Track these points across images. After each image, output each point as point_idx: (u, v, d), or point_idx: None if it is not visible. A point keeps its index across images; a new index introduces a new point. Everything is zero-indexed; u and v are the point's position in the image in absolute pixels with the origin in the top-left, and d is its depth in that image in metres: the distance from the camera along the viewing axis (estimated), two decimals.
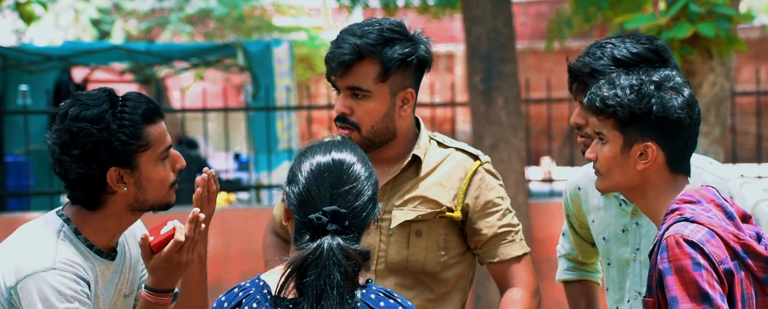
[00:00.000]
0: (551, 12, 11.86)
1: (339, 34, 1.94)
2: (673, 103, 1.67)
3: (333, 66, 1.91)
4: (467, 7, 5.65)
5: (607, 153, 1.71)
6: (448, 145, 2.05)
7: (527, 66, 12.72)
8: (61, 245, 1.68)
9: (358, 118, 1.93)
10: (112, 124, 1.67)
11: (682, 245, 1.58)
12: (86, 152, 1.66)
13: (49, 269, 1.64)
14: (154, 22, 12.58)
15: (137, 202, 1.72)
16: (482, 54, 5.56)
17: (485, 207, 2.00)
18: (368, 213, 1.52)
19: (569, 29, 7.54)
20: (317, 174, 1.52)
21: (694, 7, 4.68)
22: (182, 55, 8.53)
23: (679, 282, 1.57)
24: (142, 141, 1.69)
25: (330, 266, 1.46)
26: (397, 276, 1.98)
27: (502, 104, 5.54)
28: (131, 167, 1.69)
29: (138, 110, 1.69)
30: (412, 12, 10.51)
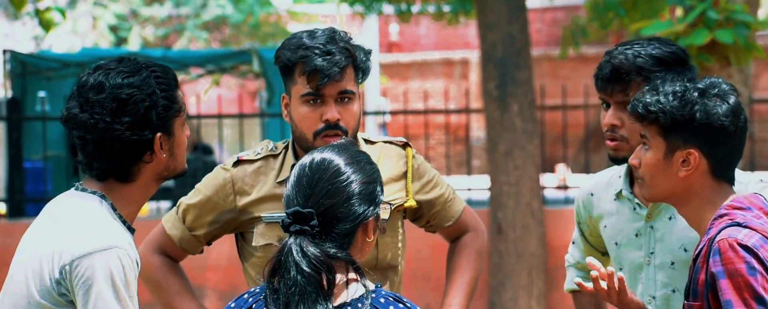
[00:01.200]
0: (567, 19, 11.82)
1: (301, 44, 1.95)
2: (717, 110, 1.67)
3: (331, 73, 1.93)
4: (482, 13, 5.65)
5: (650, 159, 1.71)
6: (374, 140, 2.09)
7: (542, 72, 12.69)
8: (116, 224, 1.66)
9: (346, 123, 1.97)
10: (157, 89, 1.66)
11: (737, 249, 1.58)
12: (139, 118, 1.64)
13: (114, 247, 1.60)
14: (170, 28, 12.65)
15: (167, 170, 1.71)
16: (497, 60, 5.55)
17: (430, 187, 2.09)
18: (349, 213, 1.49)
19: (584, 36, 7.51)
20: (298, 176, 1.52)
21: (712, 14, 4.64)
22: (198, 61, 8.58)
23: (733, 286, 1.56)
24: (177, 105, 1.70)
25: (289, 268, 1.45)
26: (367, 275, 2.02)
27: (517, 111, 5.52)
28: (169, 132, 1.69)
29: (169, 74, 1.70)
30: (426, 18, 10.53)
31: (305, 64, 1.93)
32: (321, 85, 1.92)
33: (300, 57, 1.93)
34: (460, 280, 2.10)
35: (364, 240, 1.53)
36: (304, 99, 1.95)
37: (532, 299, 5.56)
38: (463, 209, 2.14)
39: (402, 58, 14.81)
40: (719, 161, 1.68)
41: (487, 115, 5.67)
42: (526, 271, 5.54)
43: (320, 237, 1.48)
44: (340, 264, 1.49)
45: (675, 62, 1.93)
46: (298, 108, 1.95)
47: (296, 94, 1.95)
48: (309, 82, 1.93)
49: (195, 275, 5.69)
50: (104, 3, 12.16)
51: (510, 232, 5.56)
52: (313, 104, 1.94)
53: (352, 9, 9.13)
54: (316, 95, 1.94)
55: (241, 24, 12.36)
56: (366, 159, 1.56)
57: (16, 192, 6.08)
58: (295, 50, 1.95)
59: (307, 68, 1.93)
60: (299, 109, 1.95)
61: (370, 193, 1.52)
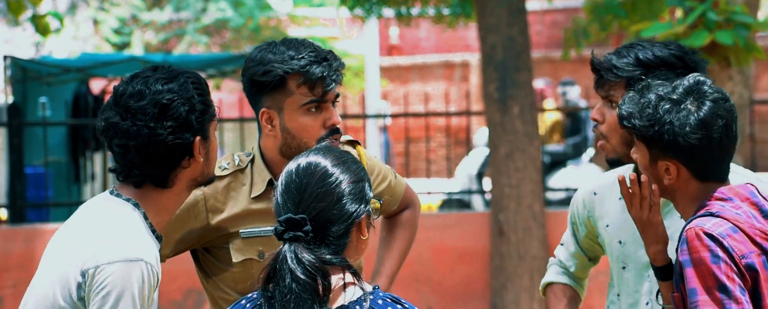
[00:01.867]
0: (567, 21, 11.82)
1: (290, 56, 1.96)
2: (687, 127, 1.65)
3: (336, 79, 1.97)
4: (482, 15, 5.64)
5: (640, 162, 1.73)
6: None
7: (543, 75, 12.68)
8: (146, 235, 1.66)
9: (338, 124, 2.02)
10: (194, 93, 1.69)
11: (702, 237, 1.59)
12: (181, 122, 1.66)
13: (140, 260, 1.61)
14: (171, 33, 12.65)
15: (202, 175, 1.72)
16: (497, 63, 5.55)
17: (380, 180, 2.13)
18: (342, 214, 1.49)
19: (585, 38, 7.51)
20: (286, 182, 1.51)
21: (711, 15, 4.64)
22: (198, 65, 8.58)
23: (697, 274, 1.57)
24: (213, 109, 1.73)
25: (284, 275, 1.44)
26: None
27: (517, 113, 5.51)
28: (205, 136, 1.71)
29: (202, 80, 1.72)
30: (426, 21, 10.52)
31: (307, 74, 1.94)
32: (327, 91, 1.95)
33: (300, 67, 1.94)
34: (392, 250, 2.16)
35: (358, 239, 1.53)
36: (305, 108, 1.96)
37: (534, 302, 5.55)
38: (405, 188, 2.20)
39: (402, 61, 14.81)
40: (700, 167, 1.68)
41: (487, 118, 5.67)
42: (528, 273, 5.53)
43: (315, 242, 1.48)
44: (335, 268, 1.48)
45: (660, 65, 1.91)
46: (299, 118, 1.96)
47: (293, 106, 1.97)
48: (312, 89, 1.94)
49: (197, 279, 5.68)
50: (106, 7, 12.17)
51: (511, 234, 5.55)
52: (314, 112, 1.96)
53: (352, 12, 9.13)
54: (320, 102, 1.96)
55: (242, 28, 12.36)
56: (351, 158, 1.56)
57: (17, 198, 6.07)
58: (289, 61, 1.95)
59: (311, 77, 1.94)
60: (299, 119, 1.96)
61: (360, 192, 1.52)
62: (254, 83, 1.97)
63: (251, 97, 2.00)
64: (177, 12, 12.40)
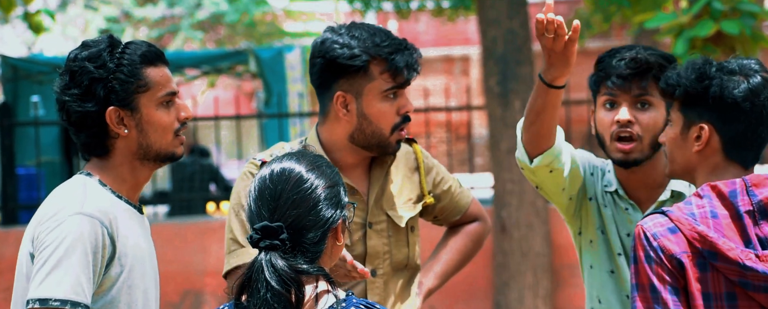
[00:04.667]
0: (569, 12, 11.71)
1: (377, 42, 1.97)
2: (733, 86, 1.66)
3: (417, 67, 2.01)
4: (482, 8, 5.54)
5: (671, 134, 1.73)
6: None
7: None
8: (89, 194, 1.66)
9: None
10: (109, 63, 1.68)
11: (640, 237, 1.64)
12: (84, 90, 1.68)
13: (78, 214, 1.61)
14: (164, 29, 12.56)
15: (142, 149, 1.70)
16: (498, 56, 5.45)
17: (441, 182, 2.13)
18: (317, 220, 1.46)
19: (588, 29, 7.39)
20: (260, 189, 1.49)
21: (717, 5, 4.54)
22: (193, 62, 8.48)
23: (635, 271, 1.64)
24: (141, 81, 1.69)
25: (259, 286, 1.42)
26: (401, 274, 2.04)
27: (519, 107, 5.42)
28: (131, 109, 1.69)
29: (137, 51, 1.70)
30: (425, 14, 10.42)
31: (393, 61, 1.95)
32: (409, 78, 1.97)
33: (386, 53, 1.96)
34: (441, 260, 2.12)
35: (334, 245, 1.50)
36: (384, 94, 1.97)
37: (538, 299, 5.46)
38: (471, 201, 2.17)
39: None
40: (732, 139, 1.67)
41: (488, 112, 5.57)
42: (532, 270, 5.44)
43: (291, 251, 1.44)
44: (310, 277, 1.44)
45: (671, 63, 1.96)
46: (377, 104, 1.98)
47: (374, 91, 1.97)
48: (394, 76, 1.96)
49: (195, 280, 5.58)
50: (95, 5, 12.07)
51: (514, 230, 5.46)
52: (392, 99, 1.99)
53: (351, 6, 9.03)
54: (399, 88, 1.99)
55: (237, 24, 12.26)
56: (326, 163, 1.53)
57: (9, 199, 5.98)
58: (373, 47, 1.96)
59: (396, 64, 1.95)
60: (378, 105, 1.98)
61: (335, 197, 1.49)
62: (334, 66, 1.97)
63: (324, 79, 1.99)
64: (171, 8, 12.31)
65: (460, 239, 2.16)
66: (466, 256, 2.17)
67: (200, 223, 5.87)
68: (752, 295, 1.59)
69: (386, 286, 2.00)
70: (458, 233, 2.17)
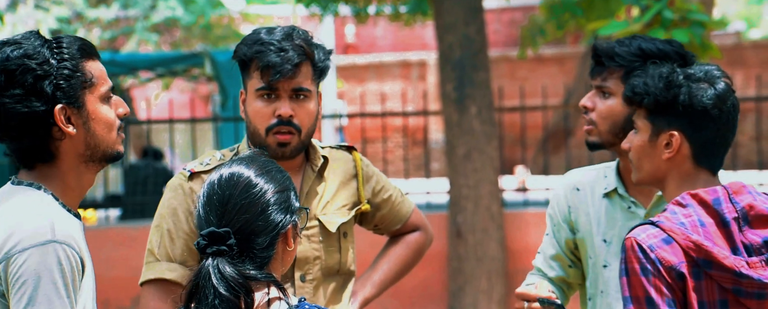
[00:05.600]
0: (524, 19, 11.85)
1: (258, 39, 1.95)
2: (701, 93, 1.67)
3: (283, 69, 1.92)
4: (439, 14, 5.57)
5: (638, 142, 1.73)
6: (323, 145, 2.12)
7: (500, 74, 12.69)
8: (59, 215, 1.56)
9: (300, 120, 1.95)
10: (52, 59, 1.58)
11: (634, 249, 1.62)
12: (28, 89, 1.56)
13: (52, 242, 1.51)
14: (118, 31, 12.36)
15: (89, 149, 1.61)
16: (455, 62, 5.48)
17: (381, 191, 2.11)
18: (266, 225, 1.44)
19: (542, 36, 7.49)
20: (208, 194, 1.47)
21: (668, 14, 4.64)
22: (148, 64, 8.36)
23: (628, 284, 1.62)
24: (86, 76, 1.59)
25: (207, 292, 1.40)
26: (332, 279, 2.02)
27: (475, 113, 5.46)
28: (78, 106, 1.58)
29: (74, 45, 1.61)
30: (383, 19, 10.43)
31: (260, 59, 1.93)
32: (273, 80, 1.92)
33: (255, 52, 1.93)
34: (379, 270, 2.11)
35: (284, 250, 1.48)
36: (258, 94, 1.94)
37: (493, 303, 5.50)
38: (412, 211, 2.17)
39: (359, 59, 14.71)
40: (702, 145, 1.68)
41: (445, 118, 5.60)
42: (486, 275, 5.48)
43: (239, 256, 1.42)
44: (260, 283, 1.42)
45: (661, 59, 1.92)
46: (253, 103, 1.95)
47: (251, 89, 1.96)
48: (263, 76, 1.93)
49: None
50: (46, 6, 11.81)
51: (469, 235, 5.49)
52: (267, 99, 1.94)
53: (308, 10, 9.00)
54: (270, 90, 1.93)
55: (193, 26, 12.13)
56: (276, 168, 1.51)
57: None
58: (252, 45, 1.95)
59: (261, 63, 1.92)
60: (254, 103, 1.95)
61: (285, 201, 1.47)
62: (237, 63, 1.99)
63: (241, 78, 2.00)
64: (124, 9, 12.12)
65: (399, 249, 2.15)
66: (406, 265, 2.15)
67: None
68: (744, 301, 1.61)
69: (316, 291, 1.98)
70: (398, 243, 2.15)
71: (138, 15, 12.07)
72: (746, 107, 10.12)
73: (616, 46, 1.97)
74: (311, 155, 2.02)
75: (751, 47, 13.63)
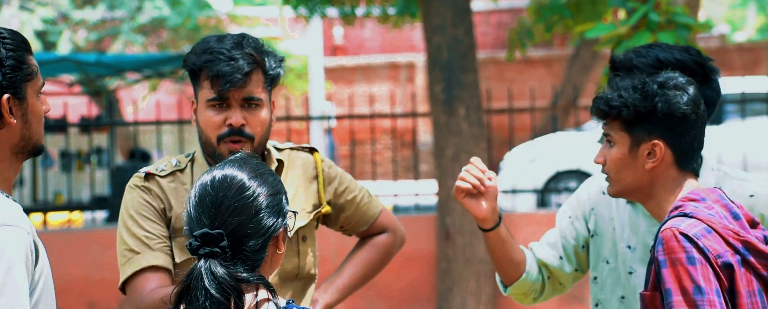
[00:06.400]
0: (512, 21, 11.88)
1: (207, 48, 1.94)
2: (678, 100, 1.69)
3: (233, 79, 1.91)
4: (427, 16, 5.57)
5: (616, 154, 1.73)
6: (281, 147, 2.10)
7: (488, 76, 12.72)
8: (5, 203, 1.54)
9: (252, 128, 1.94)
10: (1, 48, 1.58)
11: (678, 238, 1.60)
12: None
13: (1, 225, 1.50)
14: (104, 32, 12.29)
15: (23, 140, 1.61)
16: (443, 64, 5.48)
17: (344, 192, 2.09)
18: (259, 228, 1.44)
19: (530, 39, 7.52)
20: (200, 195, 1.47)
21: (653, 16, 4.66)
22: (134, 66, 8.33)
23: (673, 275, 1.59)
24: (30, 68, 1.60)
25: (198, 294, 1.40)
26: (290, 285, 2.01)
27: (463, 114, 5.46)
28: (20, 97, 1.59)
29: (17, 38, 1.61)
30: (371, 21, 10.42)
31: (209, 69, 1.91)
32: (223, 90, 1.90)
33: (204, 61, 1.92)
34: (343, 274, 2.08)
35: (274, 253, 1.48)
36: (209, 104, 1.93)
37: (481, 305, 5.50)
38: (380, 212, 2.14)
39: (347, 61, 14.70)
40: (683, 151, 1.71)
41: (433, 119, 5.60)
42: (475, 276, 5.48)
43: (232, 258, 1.42)
44: (250, 285, 1.42)
45: (676, 67, 1.89)
46: (204, 112, 1.94)
47: (202, 99, 1.95)
48: (213, 86, 1.92)
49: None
50: (31, 7, 11.73)
51: (458, 237, 5.49)
52: (218, 109, 1.94)
53: (296, 12, 8.98)
54: (221, 100, 1.92)
55: (179, 27, 12.08)
56: (268, 171, 1.51)
57: None
58: (201, 54, 1.93)
59: (211, 73, 1.91)
60: (205, 113, 1.94)
61: (277, 205, 1.47)
62: (187, 72, 1.99)
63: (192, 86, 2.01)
64: (111, 10, 12.05)
65: (365, 252, 2.13)
66: (372, 268, 2.12)
67: None
68: None
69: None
70: (364, 246, 2.13)
71: (124, 16, 12.00)
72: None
73: (634, 57, 1.95)
74: (266, 160, 2.00)
75: (736, 50, 13.72)
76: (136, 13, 11.95)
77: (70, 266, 5.43)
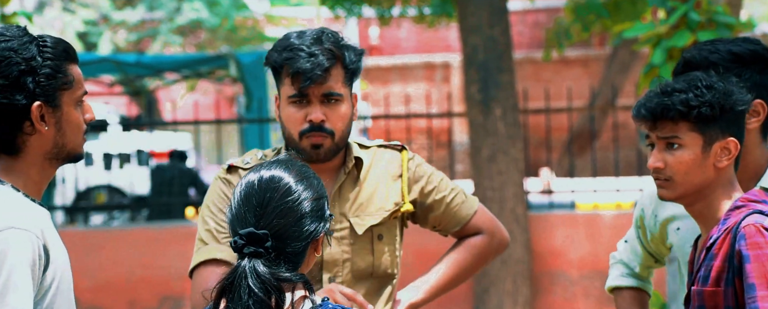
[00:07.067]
0: (549, 21, 11.78)
1: (288, 45, 1.96)
2: (743, 97, 1.70)
3: (313, 76, 1.93)
4: (464, 16, 5.56)
5: (688, 156, 1.70)
6: (368, 145, 2.08)
7: (525, 76, 12.63)
8: (12, 204, 1.56)
9: (333, 124, 1.96)
10: (38, 56, 1.60)
11: (764, 233, 1.59)
12: (12, 82, 1.58)
13: (9, 228, 1.52)
14: (143, 33, 12.46)
15: (56, 147, 1.63)
16: (479, 64, 5.46)
17: (431, 190, 2.07)
18: (301, 232, 1.46)
19: (567, 38, 7.45)
20: (246, 194, 1.47)
21: (694, 16, 4.58)
22: (173, 66, 8.43)
23: (759, 270, 1.57)
24: (67, 77, 1.63)
25: (241, 292, 1.42)
26: (364, 283, 2.01)
27: (499, 115, 5.43)
28: (54, 105, 1.61)
29: (59, 47, 1.63)
30: (407, 21, 10.43)
31: (290, 66, 1.93)
32: (303, 86, 1.92)
33: (285, 59, 1.94)
34: (433, 274, 2.07)
35: (312, 254, 1.51)
36: (290, 100, 1.94)
37: (518, 306, 5.47)
38: (474, 213, 2.10)
39: (383, 61, 14.71)
40: (740, 149, 1.70)
41: (469, 120, 5.58)
42: (511, 277, 5.45)
43: (274, 258, 1.44)
44: (290, 283, 1.45)
45: (755, 61, 1.87)
46: (286, 108, 1.96)
47: (284, 95, 1.96)
48: (293, 83, 1.94)
49: (173, 285, 5.54)
50: (72, 9, 11.94)
51: None
52: (298, 105, 1.95)
53: (332, 12, 9.02)
54: (301, 96, 1.94)
55: (217, 28, 12.20)
56: (313, 174, 1.52)
57: None
58: (281, 51, 1.96)
59: (291, 70, 1.93)
60: (287, 109, 1.96)
61: (320, 210, 1.49)
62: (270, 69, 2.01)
63: (275, 82, 2.03)
64: (150, 11, 12.22)
65: (457, 253, 2.09)
66: (463, 270, 2.08)
67: (179, 228, 5.82)
68: None
69: None
70: (458, 247, 2.10)
71: (163, 17, 12.16)
72: None
73: (708, 55, 1.89)
74: (345, 157, 2.02)
75: None
76: (174, 14, 12.10)
77: (110, 265, 5.52)
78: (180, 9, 12.07)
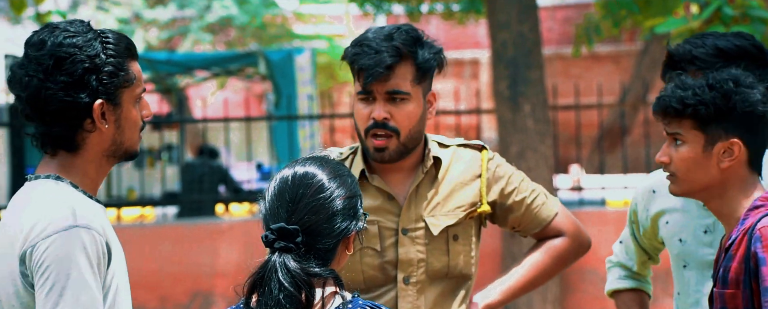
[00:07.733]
0: (579, 17, 11.68)
1: (360, 41, 1.96)
2: (756, 98, 1.67)
3: (374, 73, 1.92)
4: (492, 12, 5.53)
5: (687, 154, 1.70)
6: (447, 143, 2.07)
7: (554, 72, 12.54)
8: (81, 203, 1.56)
9: (398, 122, 1.94)
10: (102, 53, 1.59)
11: None
12: (76, 79, 1.57)
13: (75, 226, 1.52)
14: (174, 31, 12.58)
15: (114, 145, 1.63)
16: (508, 60, 5.44)
17: (511, 191, 2.05)
18: (332, 229, 1.47)
19: (597, 34, 7.37)
20: (280, 189, 1.48)
21: (727, 10, 4.50)
22: (203, 64, 8.50)
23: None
24: (128, 75, 1.61)
25: (272, 286, 1.43)
26: (439, 284, 1.99)
27: (528, 111, 5.40)
28: (115, 103, 1.61)
29: (121, 44, 1.62)
30: (436, 18, 10.40)
31: (356, 62, 1.94)
32: (366, 83, 1.92)
33: (353, 54, 1.95)
34: (511, 276, 2.05)
35: (343, 253, 1.51)
36: (359, 97, 1.96)
37: (547, 303, 5.44)
38: (554, 215, 2.07)
39: None
40: (757, 150, 1.69)
41: (498, 116, 5.56)
42: None
43: (305, 253, 1.45)
44: (319, 279, 1.46)
45: (741, 57, 1.87)
46: (356, 105, 1.98)
47: (355, 91, 1.98)
48: (359, 79, 1.94)
49: (204, 282, 5.59)
50: (106, 7, 12.10)
51: None
52: (365, 102, 1.95)
53: (361, 9, 9.03)
54: (366, 93, 1.94)
55: (247, 26, 12.28)
56: (347, 172, 1.53)
57: None
58: (353, 47, 1.96)
59: (356, 66, 1.94)
60: (356, 105, 1.97)
61: (353, 208, 1.49)
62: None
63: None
64: (181, 10, 12.33)
65: (537, 255, 2.07)
66: (542, 272, 2.05)
67: (209, 225, 5.88)
68: None
69: (420, 294, 1.96)
70: (537, 249, 2.07)
71: (193, 15, 12.27)
72: None
73: (692, 49, 1.90)
74: (424, 156, 2.00)
75: None
76: (204, 12, 12.21)
77: (142, 261, 5.59)
78: (210, 7, 12.17)
